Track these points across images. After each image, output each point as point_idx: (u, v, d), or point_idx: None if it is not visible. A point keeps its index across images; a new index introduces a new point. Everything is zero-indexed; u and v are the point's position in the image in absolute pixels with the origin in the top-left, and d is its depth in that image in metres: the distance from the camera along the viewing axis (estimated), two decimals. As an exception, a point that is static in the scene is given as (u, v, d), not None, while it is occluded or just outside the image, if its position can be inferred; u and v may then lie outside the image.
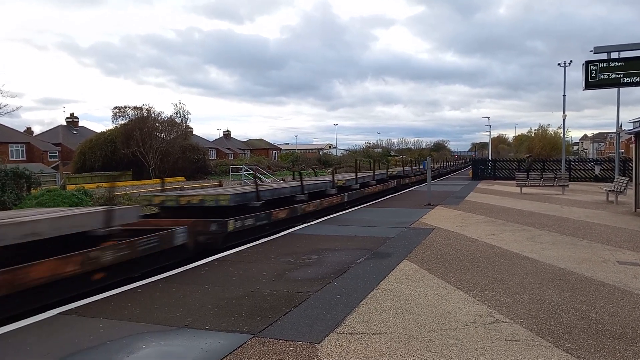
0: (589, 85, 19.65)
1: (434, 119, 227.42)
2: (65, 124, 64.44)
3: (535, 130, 68.75)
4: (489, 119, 79.49)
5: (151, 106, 46.99)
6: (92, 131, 59.86)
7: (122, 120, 45.97)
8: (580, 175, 31.28)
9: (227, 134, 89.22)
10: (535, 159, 37.33)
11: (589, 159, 40.80)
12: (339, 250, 8.72)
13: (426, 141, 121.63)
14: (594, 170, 31.07)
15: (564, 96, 29.95)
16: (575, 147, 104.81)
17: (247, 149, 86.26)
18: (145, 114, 45.50)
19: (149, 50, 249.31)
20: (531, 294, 5.79)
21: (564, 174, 23.78)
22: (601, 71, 19.41)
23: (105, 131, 49.89)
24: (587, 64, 19.57)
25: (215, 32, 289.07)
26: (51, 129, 63.61)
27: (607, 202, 17.04)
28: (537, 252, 8.28)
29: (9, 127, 53.31)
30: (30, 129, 63.17)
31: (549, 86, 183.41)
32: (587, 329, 4.63)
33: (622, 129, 22.94)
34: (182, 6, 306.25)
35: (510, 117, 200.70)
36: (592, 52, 19.84)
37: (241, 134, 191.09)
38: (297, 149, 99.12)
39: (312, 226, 12.01)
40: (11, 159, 46.28)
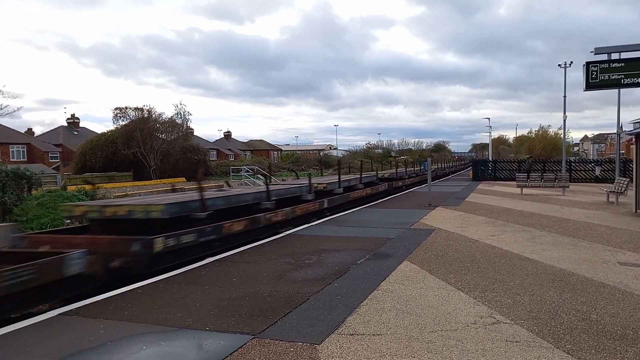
0: (589, 86, 19.65)
1: (434, 119, 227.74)
2: (66, 124, 64.54)
3: (535, 131, 68.89)
4: (489, 119, 79.59)
5: (152, 107, 46.98)
6: (93, 132, 59.96)
7: (122, 121, 46.04)
8: (580, 176, 31.28)
9: (227, 135, 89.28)
10: (535, 160, 37.33)
11: (589, 159, 40.78)
12: (340, 250, 8.72)
13: (426, 142, 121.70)
14: (595, 171, 31.07)
15: (565, 97, 29.98)
16: (575, 148, 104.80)
17: (247, 150, 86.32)
18: (145, 115, 45.54)
19: (149, 50, 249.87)
20: (532, 295, 5.78)
21: (564, 175, 23.78)
22: (602, 72, 19.41)
23: (106, 132, 49.97)
24: (588, 65, 19.57)
25: (215, 33, 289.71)
26: (52, 130, 63.72)
27: (608, 203, 17.03)
28: (538, 253, 8.28)
29: (9, 128, 53.39)
30: (31, 129, 63.39)
31: (550, 87, 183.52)
32: (587, 330, 4.62)
33: (623, 130, 22.95)
34: (182, 7, 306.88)
35: (510, 117, 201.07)
36: (593, 53, 19.86)
37: (242, 134, 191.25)
38: (298, 150, 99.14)
39: (312, 227, 12.01)
40: (12, 160, 46.34)
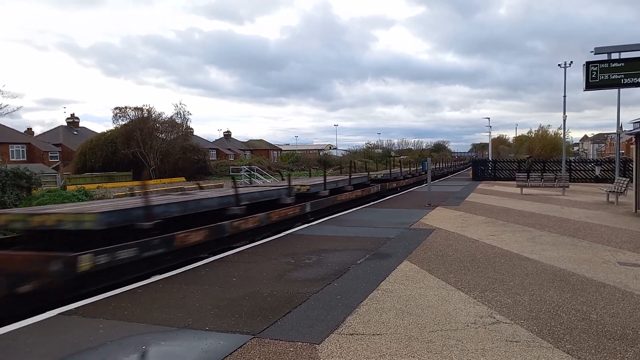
0: (589, 86, 19.66)
1: (434, 119, 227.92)
2: (65, 124, 64.56)
3: (535, 131, 68.87)
4: (489, 119, 79.38)
5: (151, 107, 46.96)
6: (93, 132, 59.95)
7: (122, 120, 46.04)
8: (580, 176, 31.28)
9: (227, 135, 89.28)
10: (535, 160, 37.34)
11: (589, 159, 40.77)
12: (339, 250, 8.71)
13: (426, 142, 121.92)
14: (595, 171, 31.07)
15: (564, 97, 29.99)
16: (575, 148, 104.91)
17: (247, 150, 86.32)
18: (145, 115, 45.54)
19: (149, 50, 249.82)
20: (532, 295, 5.78)
21: (564, 175, 23.78)
22: (602, 72, 19.42)
23: (105, 132, 49.98)
24: (588, 64, 19.57)
25: (215, 33, 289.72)
26: (52, 130, 63.73)
27: (608, 202, 17.03)
28: (538, 253, 8.28)
29: (9, 128, 53.40)
30: (30, 129, 63.42)
31: (550, 87, 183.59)
32: (587, 330, 4.62)
33: (623, 130, 22.94)
34: (182, 7, 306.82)
35: (510, 117, 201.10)
36: (593, 53, 19.87)
37: (241, 134, 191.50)
38: (298, 150, 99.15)
39: (312, 227, 12.01)
40: (12, 160, 46.33)
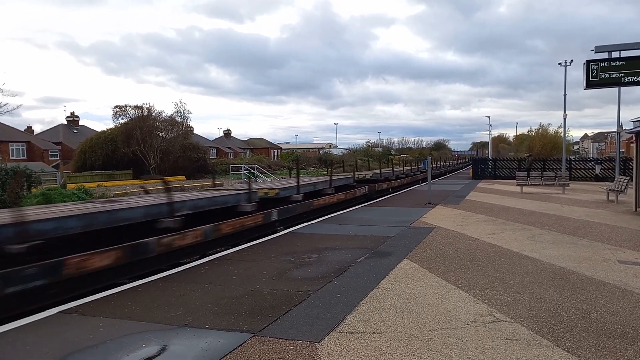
0: (589, 84, 19.65)
1: (434, 118, 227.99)
2: (65, 122, 64.45)
3: (535, 129, 68.63)
4: (489, 118, 79.55)
5: (152, 105, 46.93)
6: (93, 130, 59.86)
7: (122, 119, 45.92)
8: (580, 174, 31.27)
9: (227, 133, 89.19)
10: (535, 158, 37.30)
11: (589, 158, 40.76)
12: (339, 249, 8.71)
13: (427, 140, 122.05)
14: (595, 169, 31.06)
15: (565, 95, 29.91)
16: (575, 147, 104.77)
17: (247, 148, 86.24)
18: (145, 113, 45.43)
19: (149, 49, 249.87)
20: (532, 293, 5.78)
21: (564, 173, 23.77)
22: (602, 70, 19.41)
23: (105, 130, 49.86)
24: (588, 63, 19.56)
25: (215, 31, 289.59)
26: (52, 128, 63.63)
27: (608, 201, 17.02)
28: (538, 251, 8.27)
29: (9, 126, 53.32)
30: (30, 127, 63.30)
31: (550, 85, 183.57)
32: (587, 328, 4.62)
33: (623, 128, 22.93)
34: (182, 5, 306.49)
35: (510, 116, 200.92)
36: (593, 52, 19.85)
37: (241, 133, 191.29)
38: (298, 148, 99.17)
39: (312, 225, 12.01)
40: (12, 158, 46.30)
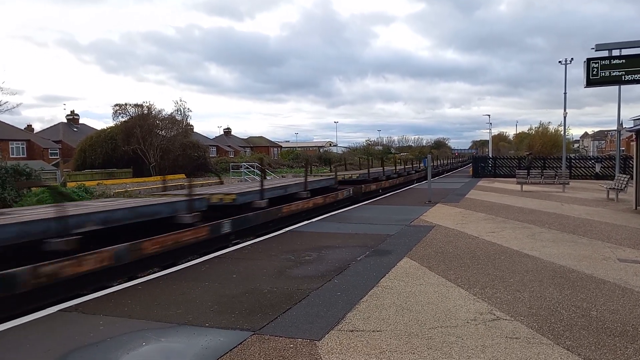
0: (590, 82, 19.65)
1: (435, 116, 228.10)
2: (65, 121, 64.43)
3: (535, 127, 68.51)
4: (489, 116, 79.13)
5: (151, 103, 46.91)
6: (93, 128, 59.83)
7: (122, 117, 45.85)
8: (580, 172, 31.26)
9: (227, 132, 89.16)
10: (535, 157, 37.27)
11: (589, 156, 40.77)
12: (340, 247, 8.71)
13: (427, 139, 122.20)
14: (595, 167, 31.06)
15: (565, 94, 29.90)
16: (575, 145, 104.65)
17: (247, 147, 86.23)
18: (145, 111, 45.40)
19: (149, 47, 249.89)
20: (532, 292, 5.78)
21: (564, 172, 23.75)
22: (602, 69, 19.40)
23: (105, 128, 49.82)
24: (589, 61, 19.55)
25: (215, 29, 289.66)
26: (52, 126, 63.62)
27: (608, 199, 17.02)
28: (538, 250, 8.27)
29: (9, 125, 53.28)
30: (30, 126, 63.21)
31: (550, 83, 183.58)
32: (587, 326, 4.62)
33: (623, 127, 22.94)
34: (182, 3, 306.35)
35: (510, 114, 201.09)
36: (594, 50, 19.84)
37: (241, 131, 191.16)
38: (298, 147, 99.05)
39: (312, 223, 12.01)
40: (12, 156, 46.28)
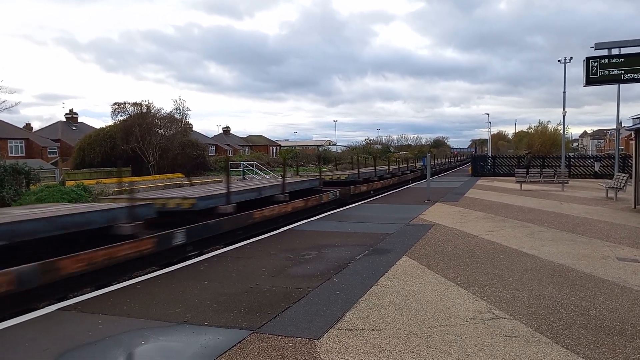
0: (589, 81, 19.63)
1: (434, 115, 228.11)
2: (64, 119, 64.34)
3: (535, 126, 68.55)
4: (488, 115, 79.20)
5: (151, 102, 46.81)
6: (92, 127, 59.76)
7: (121, 116, 45.80)
8: (579, 171, 31.28)
9: (226, 130, 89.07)
10: (534, 156, 37.30)
11: (588, 155, 40.79)
12: (339, 246, 8.71)
13: (426, 137, 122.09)
14: (594, 166, 31.07)
15: (564, 92, 29.94)
16: (575, 144, 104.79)
17: (246, 145, 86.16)
18: (144, 110, 45.35)
19: (148, 46, 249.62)
20: (530, 291, 5.78)
21: (563, 171, 23.78)
22: (602, 67, 19.39)
23: (104, 127, 49.75)
24: (588, 60, 19.54)
25: (214, 28, 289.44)
26: (50, 125, 63.48)
27: (607, 198, 17.03)
28: (537, 249, 8.28)
29: (8, 123, 53.18)
30: (29, 124, 63.09)
31: (550, 82, 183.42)
32: (586, 325, 4.62)
33: (622, 126, 22.93)
34: (181, 2, 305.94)
35: (510, 113, 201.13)
36: (593, 49, 19.83)
37: (240, 130, 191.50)
38: (297, 146, 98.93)
39: (311, 222, 12.00)
40: (10, 155, 46.18)
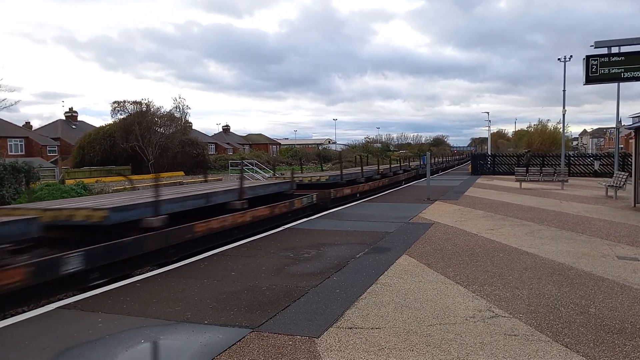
0: (589, 80, 19.61)
1: (434, 113, 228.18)
2: (64, 118, 64.34)
3: (534, 125, 68.56)
4: (488, 114, 79.57)
5: (150, 100, 46.82)
6: (91, 125, 59.79)
7: (121, 114, 45.81)
8: (579, 170, 31.28)
9: (226, 129, 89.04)
10: (534, 154, 37.29)
11: (588, 154, 40.79)
12: (339, 244, 8.71)
13: (425, 136, 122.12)
14: (593, 165, 31.07)
15: (564, 91, 29.94)
16: (574, 142, 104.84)
17: (246, 144, 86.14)
18: (144, 109, 45.33)
19: (148, 44, 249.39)
20: (530, 289, 5.78)
21: (563, 169, 23.78)
22: (601, 66, 19.36)
23: (104, 125, 49.81)
24: (588, 58, 19.51)
25: (214, 26, 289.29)
26: (50, 124, 63.46)
27: (607, 197, 17.03)
28: (536, 247, 8.28)
29: (7, 122, 53.13)
30: (29, 123, 63.07)
31: (549, 80, 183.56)
32: (586, 323, 4.62)
33: (622, 124, 22.96)
34: (181, 0, 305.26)
35: (509, 112, 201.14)
36: (593, 47, 19.80)
37: (240, 128, 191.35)
38: (297, 144, 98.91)
39: (311, 221, 12.01)
40: (10, 154, 46.19)
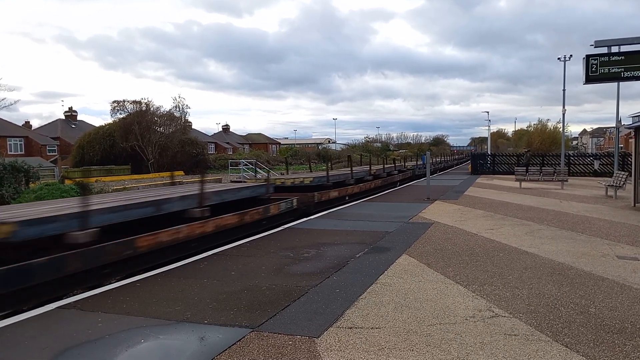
0: (589, 79, 19.60)
1: (433, 113, 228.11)
2: (63, 117, 64.35)
3: (534, 124, 68.62)
4: (488, 113, 79.53)
5: (150, 100, 46.90)
6: (91, 125, 59.83)
7: (120, 114, 45.90)
8: (579, 169, 31.28)
9: (226, 128, 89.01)
10: (534, 154, 37.29)
11: (588, 153, 40.80)
12: (338, 244, 8.71)
13: (425, 135, 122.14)
14: (593, 165, 31.07)
15: (564, 91, 29.91)
16: (574, 142, 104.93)
17: (246, 143, 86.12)
18: (144, 108, 45.38)
19: (147, 43, 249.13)
20: (530, 289, 5.78)
21: (563, 169, 23.78)
22: (601, 65, 19.36)
23: (104, 125, 49.89)
24: (588, 58, 19.50)
25: (214, 26, 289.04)
26: (50, 123, 63.47)
27: (606, 196, 17.03)
28: (536, 247, 8.28)
29: (7, 121, 53.12)
30: (28, 122, 63.08)
31: (549, 80, 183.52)
32: (586, 323, 4.62)
33: (622, 124, 22.96)
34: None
35: (509, 111, 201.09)
36: (593, 46, 19.79)
37: (240, 128, 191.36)
38: (297, 144, 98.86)
39: (311, 220, 12.00)
40: (10, 153, 46.17)
